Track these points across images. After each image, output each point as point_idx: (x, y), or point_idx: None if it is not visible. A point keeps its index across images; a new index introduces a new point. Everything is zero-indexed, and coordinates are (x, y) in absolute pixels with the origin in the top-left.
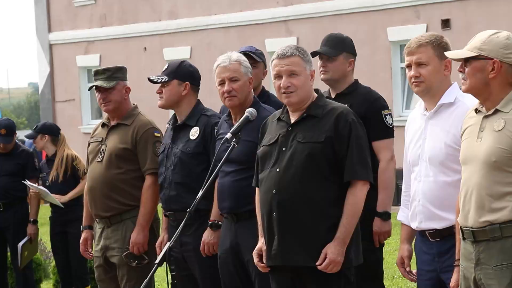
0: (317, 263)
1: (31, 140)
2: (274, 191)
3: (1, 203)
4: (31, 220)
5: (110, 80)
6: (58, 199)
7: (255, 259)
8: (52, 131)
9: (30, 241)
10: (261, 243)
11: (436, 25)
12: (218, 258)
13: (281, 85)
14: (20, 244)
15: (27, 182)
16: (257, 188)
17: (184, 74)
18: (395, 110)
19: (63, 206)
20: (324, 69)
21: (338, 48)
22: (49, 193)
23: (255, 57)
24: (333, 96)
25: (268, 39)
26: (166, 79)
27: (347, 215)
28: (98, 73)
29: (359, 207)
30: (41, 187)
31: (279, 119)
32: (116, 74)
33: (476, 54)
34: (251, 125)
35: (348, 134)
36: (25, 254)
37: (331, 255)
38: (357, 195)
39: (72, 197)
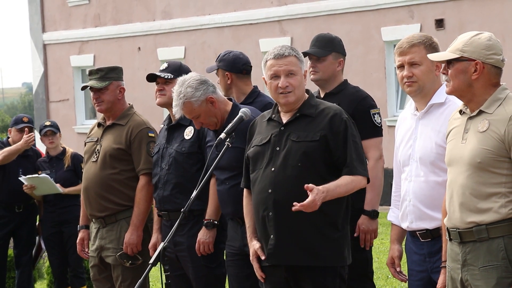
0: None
1: None
2: (269, 191)
3: (22, 204)
4: (42, 219)
5: (103, 80)
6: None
7: (256, 265)
8: None
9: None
10: (253, 245)
11: (430, 25)
12: (225, 255)
13: (280, 85)
14: (43, 246)
15: (22, 178)
16: (245, 189)
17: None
18: (389, 110)
19: (62, 191)
20: (314, 69)
21: (327, 48)
22: (50, 179)
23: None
24: (322, 95)
25: (262, 39)
26: (172, 77)
27: (341, 180)
28: (91, 73)
29: (352, 185)
30: (41, 175)
31: (270, 119)
32: (110, 74)
33: (458, 56)
34: (238, 131)
35: (344, 132)
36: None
37: (315, 195)
38: (353, 180)
39: (70, 192)
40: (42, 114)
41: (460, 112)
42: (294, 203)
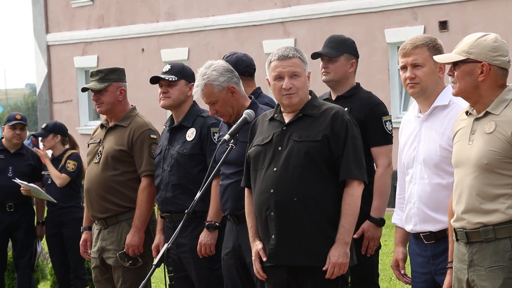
0: (323, 269)
1: (28, 140)
2: (271, 191)
3: (12, 203)
4: (40, 221)
5: (103, 82)
6: (42, 152)
7: (257, 266)
8: (63, 131)
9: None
10: (256, 246)
11: (434, 27)
12: (221, 259)
13: (284, 86)
14: (39, 248)
15: (17, 180)
16: (246, 188)
17: (190, 76)
18: (393, 112)
19: (55, 201)
20: (326, 70)
21: (339, 49)
22: (41, 190)
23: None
24: (333, 98)
25: (265, 40)
26: (176, 79)
27: (346, 215)
28: (92, 75)
29: (356, 207)
30: (32, 184)
31: (272, 118)
32: (110, 75)
33: (464, 58)
34: (248, 127)
35: (344, 133)
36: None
37: (333, 258)
38: (353, 195)
39: (49, 165)
40: (45, 115)
41: (467, 113)
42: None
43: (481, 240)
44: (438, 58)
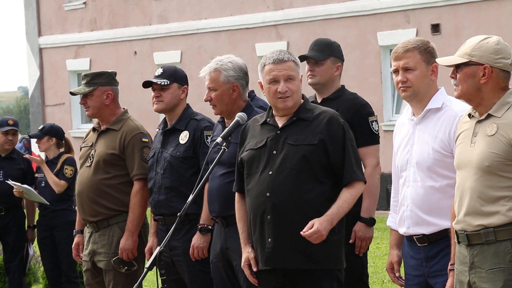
0: (303, 231)
1: (20, 144)
2: (267, 194)
3: (2, 207)
4: (31, 225)
5: (88, 86)
6: (38, 159)
7: (247, 271)
8: (59, 135)
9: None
10: (247, 252)
11: (426, 30)
12: (210, 262)
13: (279, 90)
14: (31, 251)
15: (11, 182)
16: (237, 193)
17: (183, 78)
18: (385, 115)
19: (48, 203)
20: (312, 73)
21: (325, 52)
22: (34, 191)
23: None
24: (319, 101)
25: (258, 43)
26: (168, 83)
27: (343, 200)
28: (82, 78)
29: (353, 200)
30: (26, 186)
31: (264, 122)
32: (96, 79)
33: (466, 60)
34: (241, 128)
35: (342, 136)
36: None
37: (319, 225)
38: (353, 193)
39: (46, 171)
40: (38, 118)
41: (469, 115)
42: (304, 230)
43: (482, 242)
44: (441, 60)
